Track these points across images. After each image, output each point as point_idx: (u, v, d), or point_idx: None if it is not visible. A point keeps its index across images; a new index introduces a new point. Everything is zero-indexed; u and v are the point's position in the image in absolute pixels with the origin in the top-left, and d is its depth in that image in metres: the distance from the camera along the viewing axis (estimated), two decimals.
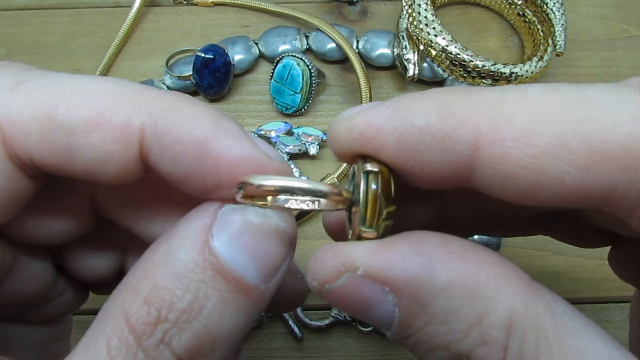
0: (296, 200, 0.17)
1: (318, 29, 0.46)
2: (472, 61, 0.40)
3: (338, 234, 0.22)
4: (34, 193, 0.19)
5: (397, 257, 0.16)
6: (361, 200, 0.17)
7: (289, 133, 0.43)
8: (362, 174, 0.17)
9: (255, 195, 0.17)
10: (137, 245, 0.23)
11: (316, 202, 0.17)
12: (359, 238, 0.17)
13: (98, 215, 0.22)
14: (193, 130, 0.17)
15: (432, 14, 0.41)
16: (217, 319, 0.16)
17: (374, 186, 0.17)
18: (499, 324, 0.14)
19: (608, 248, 0.23)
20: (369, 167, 0.17)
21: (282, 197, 0.17)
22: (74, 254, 0.23)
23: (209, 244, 0.16)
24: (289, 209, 0.17)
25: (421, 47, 0.42)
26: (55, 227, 0.21)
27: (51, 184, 0.20)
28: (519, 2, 0.47)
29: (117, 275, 0.24)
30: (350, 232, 0.18)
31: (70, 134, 0.17)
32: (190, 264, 0.16)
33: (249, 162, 0.17)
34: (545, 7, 0.45)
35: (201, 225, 0.17)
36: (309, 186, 0.17)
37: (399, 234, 0.17)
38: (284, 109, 0.44)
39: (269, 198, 0.17)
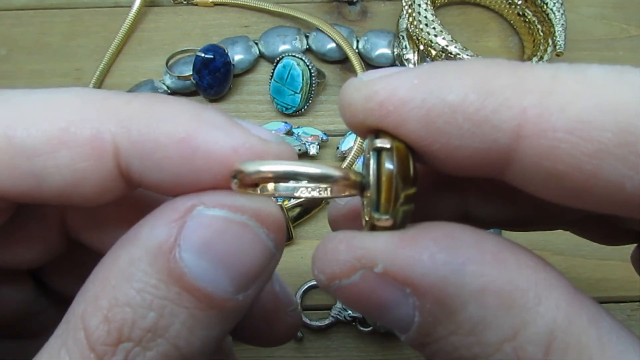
0: (306, 187, 0.15)
1: (318, 29, 0.46)
2: None
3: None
4: (1, 223, 0.17)
5: (423, 255, 0.13)
6: (372, 183, 0.14)
7: (289, 133, 0.43)
8: (371, 152, 0.15)
9: (253, 185, 0.15)
10: None
11: (327, 190, 0.15)
12: (373, 227, 0.15)
13: (70, 239, 0.21)
14: (171, 130, 0.15)
15: (432, 14, 0.41)
16: (187, 336, 0.14)
17: (387, 165, 0.14)
18: (537, 340, 0.13)
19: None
20: (378, 143, 0.14)
21: (285, 184, 0.15)
22: (53, 274, 0.22)
23: (174, 256, 0.14)
24: (298, 197, 0.15)
25: (421, 47, 0.42)
26: (25, 254, 0.19)
27: (16, 211, 0.19)
28: (519, 2, 0.47)
29: None
30: (365, 219, 0.15)
31: (34, 157, 0.15)
32: (153, 279, 0.14)
33: (242, 152, 0.15)
34: (545, 7, 0.45)
35: (166, 233, 0.14)
36: (314, 171, 0.14)
37: (424, 224, 0.14)
38: (284, 109, 0.44)
39: (270, 186, 0.15)
